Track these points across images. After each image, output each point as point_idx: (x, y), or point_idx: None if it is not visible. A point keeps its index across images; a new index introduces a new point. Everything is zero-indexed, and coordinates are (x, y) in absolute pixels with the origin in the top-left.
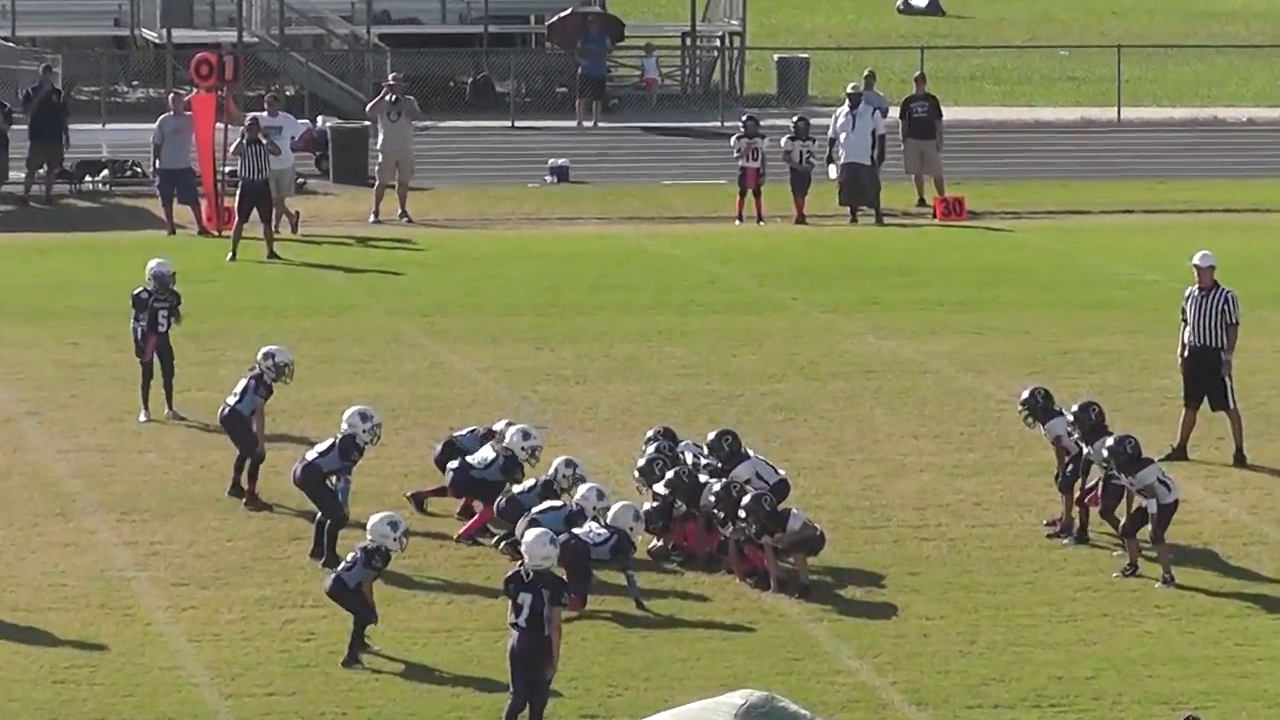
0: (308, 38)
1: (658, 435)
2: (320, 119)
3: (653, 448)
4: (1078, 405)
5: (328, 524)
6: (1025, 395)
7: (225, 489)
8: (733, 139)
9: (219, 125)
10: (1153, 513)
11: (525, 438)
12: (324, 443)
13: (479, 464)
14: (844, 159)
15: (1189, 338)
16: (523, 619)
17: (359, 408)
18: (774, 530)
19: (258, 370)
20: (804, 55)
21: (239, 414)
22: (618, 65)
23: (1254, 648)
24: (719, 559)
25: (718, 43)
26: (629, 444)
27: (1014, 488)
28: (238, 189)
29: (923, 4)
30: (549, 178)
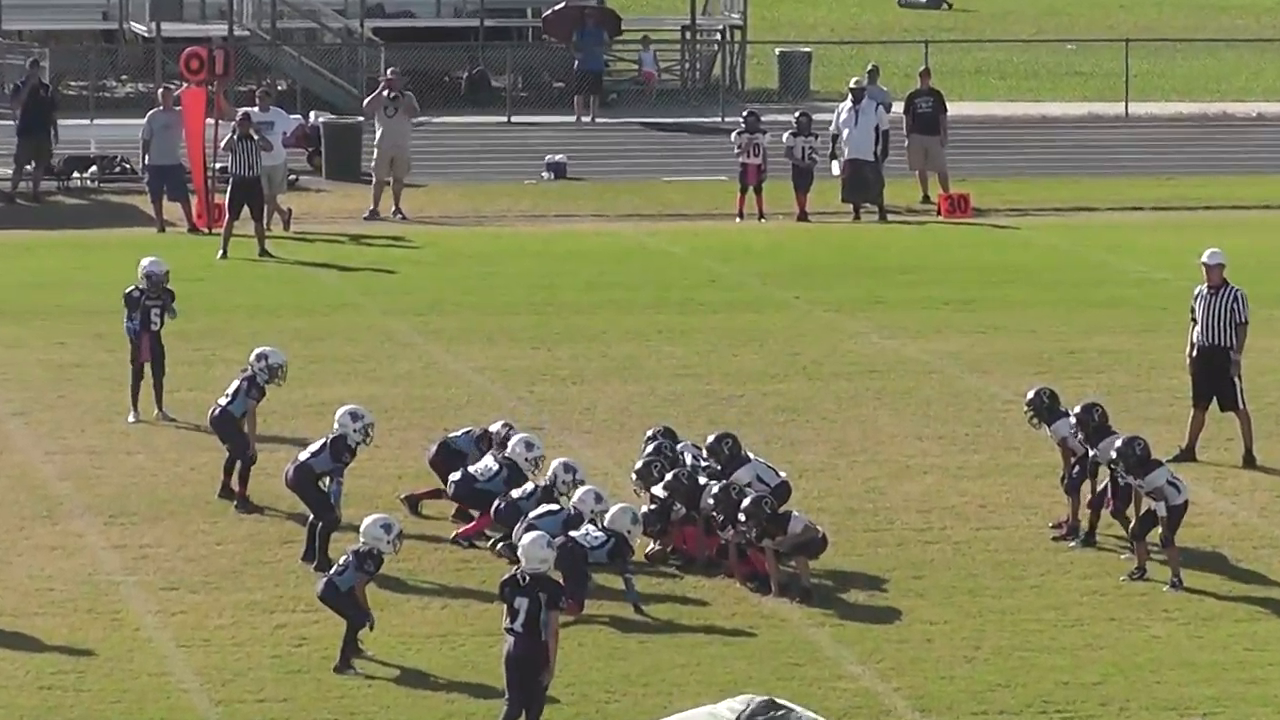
0: (300, 31)
1: (658, 435)
2: (313, 114)
3: (651, 447)
4: (1080, 406)
5: (319, 526)
6: (1030, 396)
7: (215, 491)
8: (733, 135)
9: (209, 121)
10: (1162, 515)
11: (529, 448)
12: (315, 443)
13: (482, 474)
14: (847, 155)
15: (1198, 337)
16: (519, 623)
17: (350, 407)
18: (775, 533)
19: (250, 371)
20: (806, 49)
21: (230, 415)
22: (616, 60)
23: (1264, 653)
24: (718, 562)
25: (718, 36)
26: (627, 445)
27: (1020, 490)
28: (228, 185)
29: None
30: (546, 174)
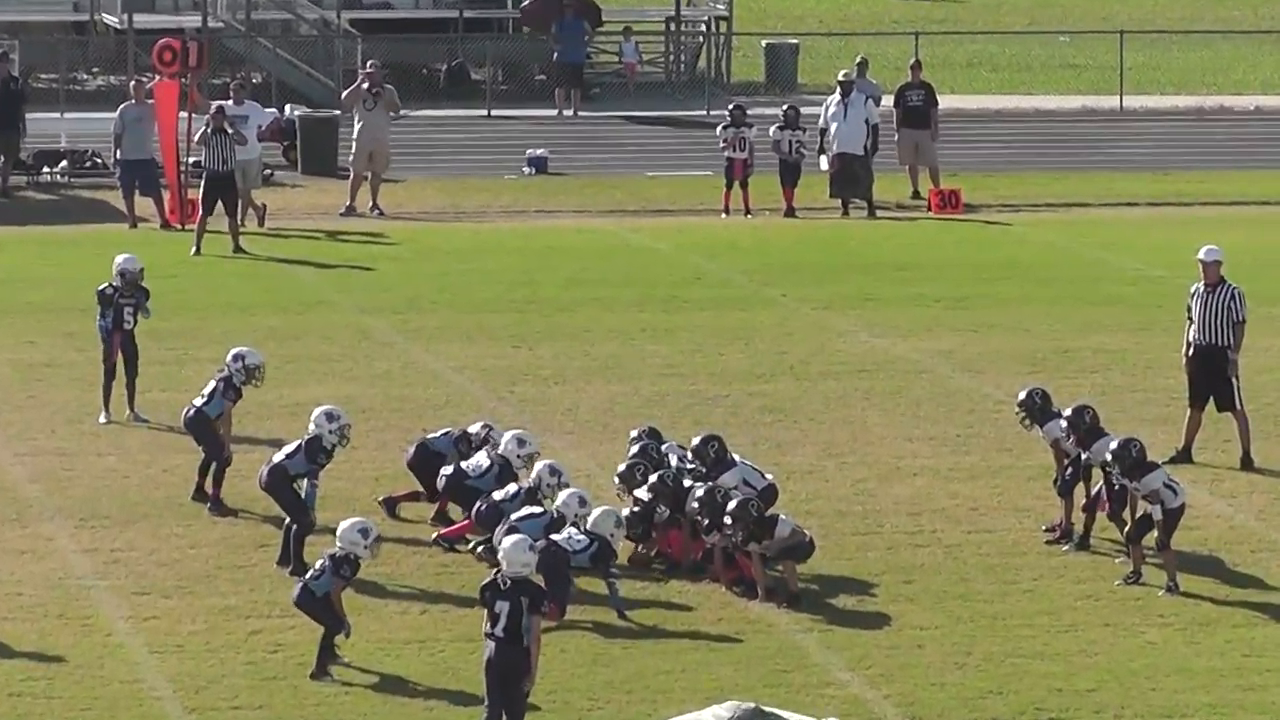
0: (275, 23)
1: (642, 435)
2: (288, 108)
3: (635, 449)
4: (1071, 409)
5: (294, 530)
6: (1022, 396)
7: (188, 494)
8: (719, 129)
9: (182, 114)
10: (1158, 518)
11: (520, 445)
12: (290, 445)
13: (473, 470)
14: (835, 149)
15: (1194, 336)
16: (499, 628)
17: (326, 408)
18: (761, 537)
19: (226, 372)
20: (793, 41)
21: (205, 416)
22: (599, 52)
23: (1261, 659)
24: (704, 566)
25: (703, 28)
26: (610, 447)
27: (1012, 492)
28: (202, 180)
29: None
30: (527, 169)
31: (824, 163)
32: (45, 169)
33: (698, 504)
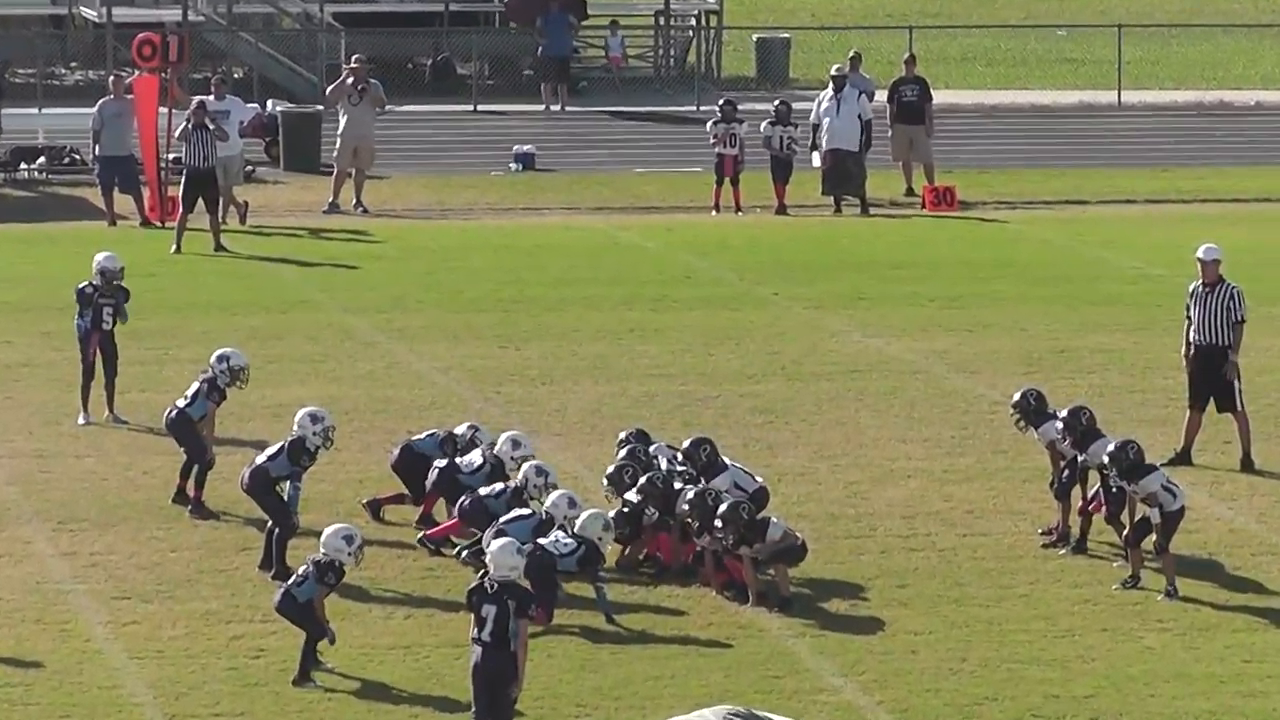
0: (257, 16)
1: (630, 438)
2: (270, 103)
3: (624, 452)
4: (1068, 410)
5: (277, 533)
6: (1016, 397)
7: (169, 496)
8: (709, 124)
9: (163, 110)
10: (1156, 522)
11: (515, 446)
12: (273, 447)
13: (466, 467)
14: (828, 145)
15: (1194, 336)
16: (486, 633)
17: (310, 409)
18: (753, 540)
19: (210, 374)
20: (785, 35)
21: (187, 418)
22: (586, 46)
23: (1262, 664)
24: (694, 570)
25: (693, 21)
26: (598, 449)
27: (1008, 495)
28: (182, 177)
29: None
30: (513, 165)
31: (816, 159)
32: (23, 165)
33: (688, 506)
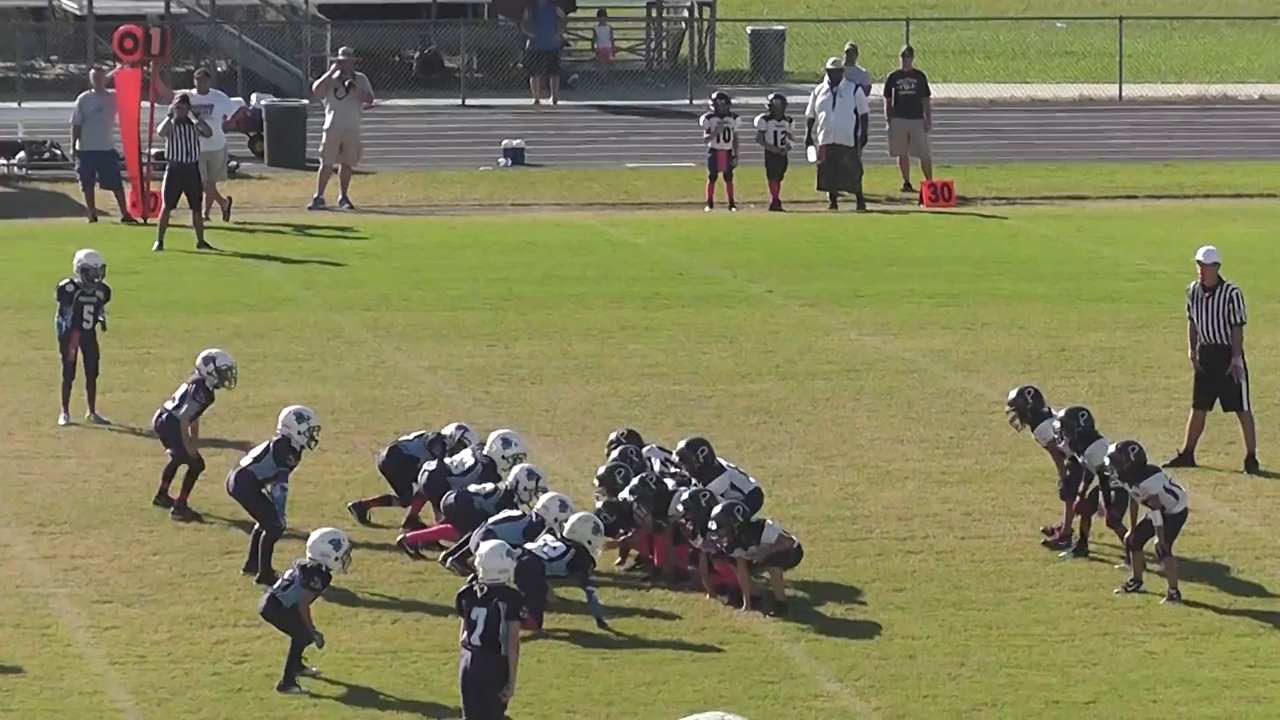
0: (241, 8)
1: (621, 439)
2: (254, 97)
3: (616, 453)
4: (1065, 410)
5: (262, 536)
6: (1013, 395)
7: (151, 498)
8: (702, 118)
9: (145, 104)
10: (1158, 524)
11: (505, 445)
12: (257, 448)
13: (456, 468)
14: (823, 140)
15: (1199, 336)
16: (476, 636)
17: (295, 408)
18: (748, 543)
19: (199, 375)
20: (780, 27)
21: (177, 421)
22: (576, 39)
23: (1266, 670)
24: (687, 574)
25: (685, 13)
26: (589, 450)
27: (1007, 496)
28: (165, 173)
29: None
30: (502, 160)
31: (811, 154)
32: (2, 161)
33: (682, 508)
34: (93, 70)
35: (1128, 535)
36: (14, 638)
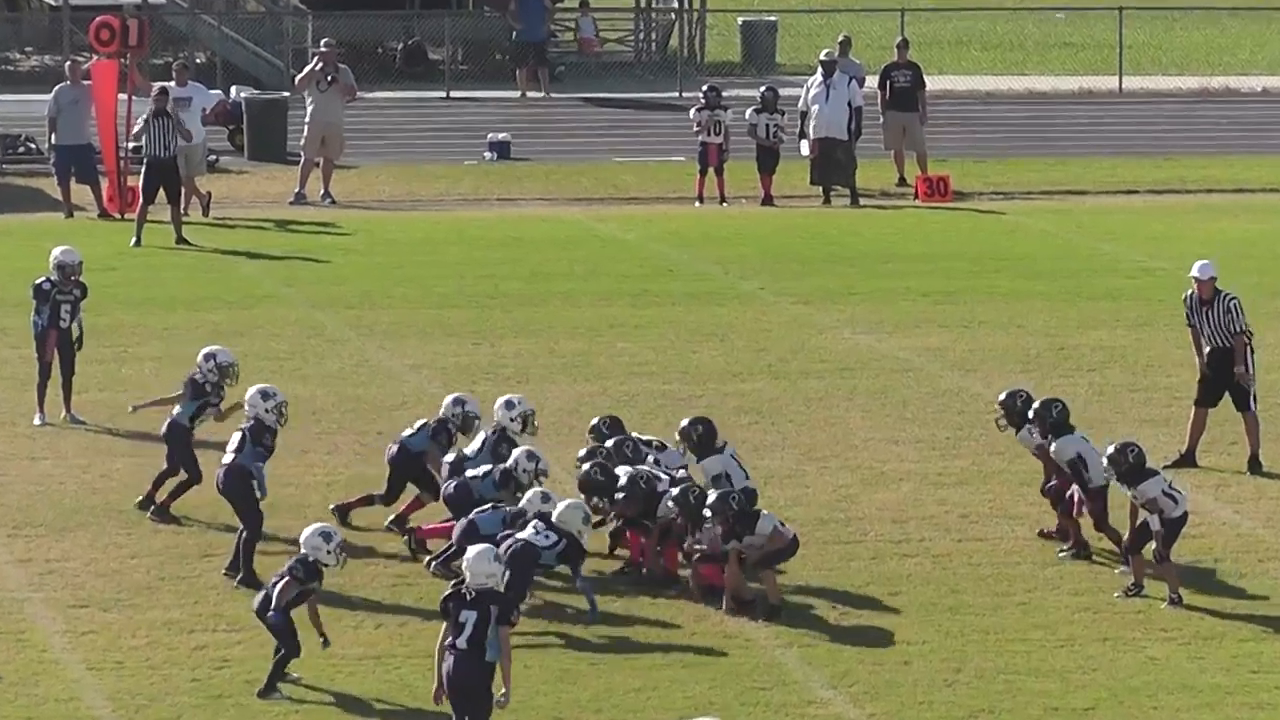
0: None
1: (601, 426)
2: (234, 89)
3: (611, 444)
4: (1039, 402)
5: (245, 536)
6: (1003, 397)
7: (129, 500)
8: (692, 111)
9: (122, 96)
10: (1156, 529)
11: (509, 407)
12: (234, 439)
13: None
14: (816, 134)
15: (1206, 342)
16: (464, 639)
17: (258, 388)
18: (742, 533)
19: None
20: (771, 18)
21: (183, 428)
22: (564, 30)
23: (1270, 675)
24: (676, 578)
25: (675, 4)
26: (576, 451)
27: (1004, 498)
28: (143, 167)
29: None
30: (488, 154)
31: (804, 148)
32: None
33: (673, 503)
34: (68, 62)
35: (1126, 539)
36: None
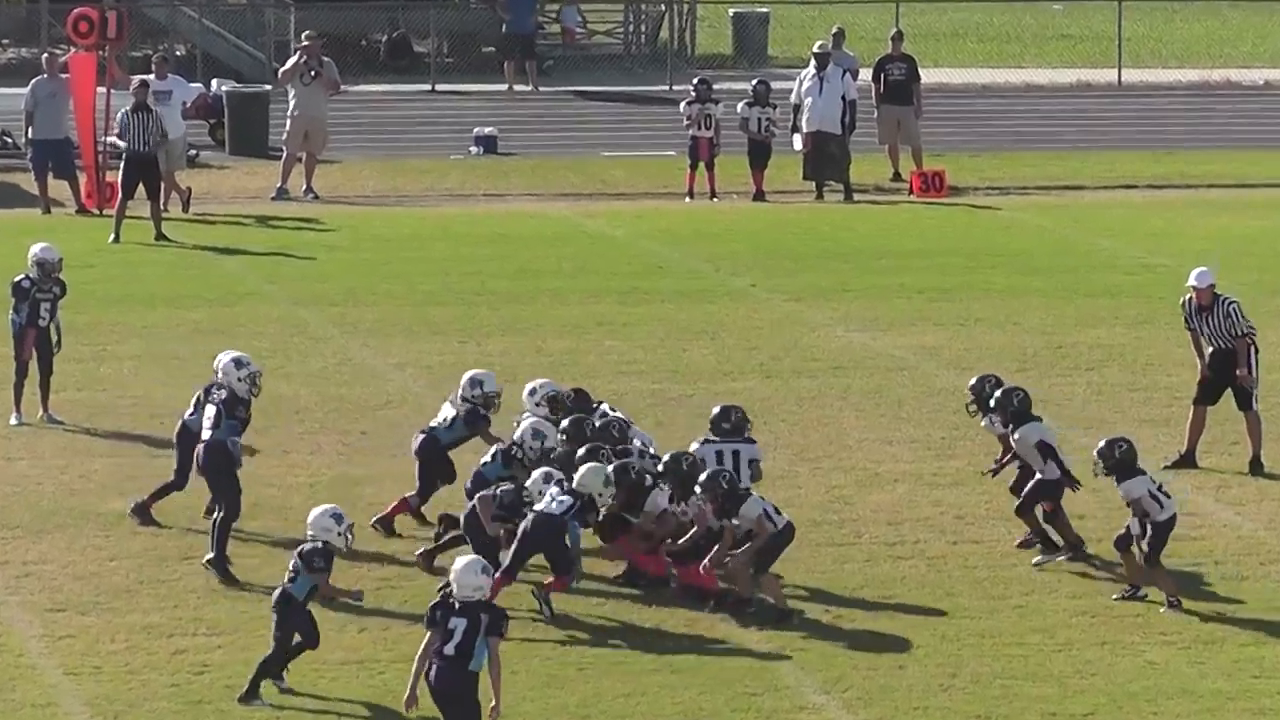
0: None
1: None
2: (215, 82)
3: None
4: (1000, 390)
5: (221, 517)
6: (973, 382)
7: (106, 501)
8: (682, 105)
9: (100, 90)
10: (1137, 532)
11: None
12: (208, 413)
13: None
14: (809, 128)
15: (1207, 345)
16: (452, 646)
17: (231, 356)
18: (731, 512)
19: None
20: (763, 10)
21: (189, 429)
22: (551, 22)
23: (1272, 680)
24: (665, 578)
25: None
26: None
27: (1001, 499)
28: (122, 162)
29: None
30: (474, 148)
31: (797, 142)
32: None
33: (662, 469)
34: (46, 54)
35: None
36: None
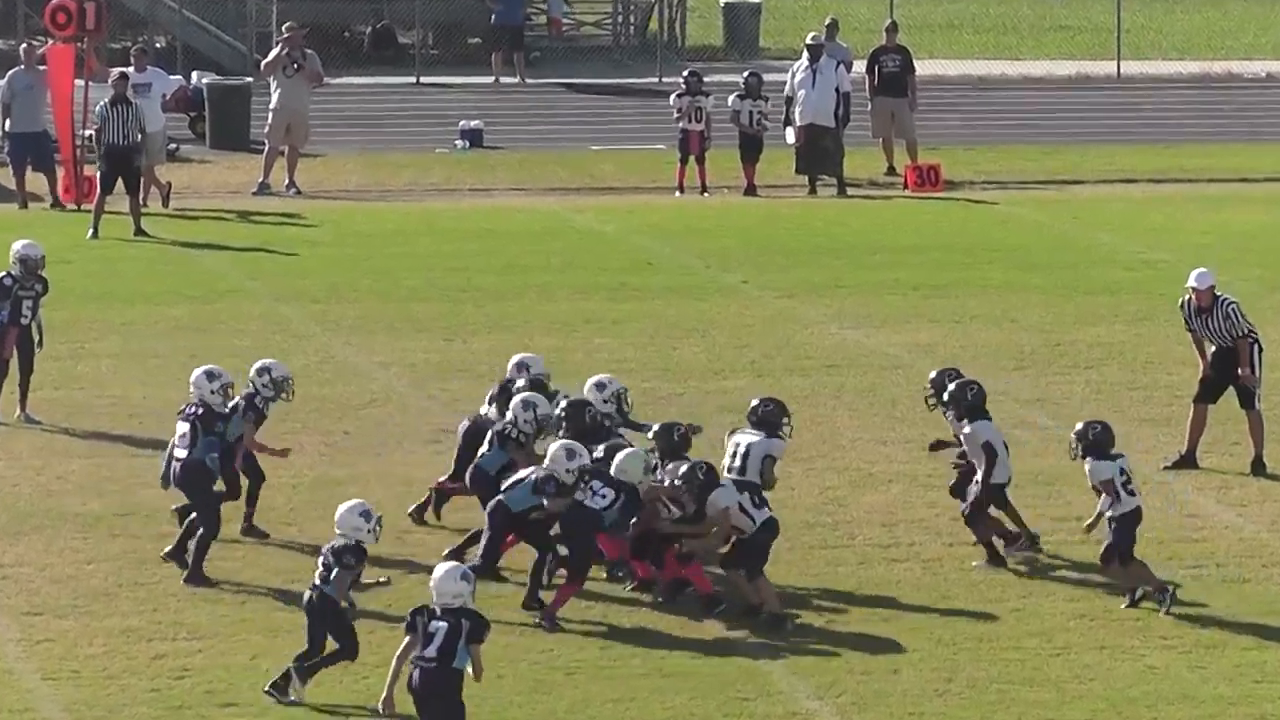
0: None
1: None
2: (195, 75)
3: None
4: (954, 384)
5: (200, 534)
6: (934, 374)
7: (83, 503)
8: (672, 98)
9: (79, 82)
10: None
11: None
12: (182, 430)
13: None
14: (802, 121)
15: (1209, 345)
16: (434, 648)
17: (204, 369)
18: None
19: (251, 388)
20: (755, 0)
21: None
22: (539, 13)
23: (1274, 685)
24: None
25: None
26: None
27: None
28: (100, 156)
29: None
30: (459, 142)
31: (789, 135)
32: None
33: (652, 438)
34: (23, 46)
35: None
36: None
